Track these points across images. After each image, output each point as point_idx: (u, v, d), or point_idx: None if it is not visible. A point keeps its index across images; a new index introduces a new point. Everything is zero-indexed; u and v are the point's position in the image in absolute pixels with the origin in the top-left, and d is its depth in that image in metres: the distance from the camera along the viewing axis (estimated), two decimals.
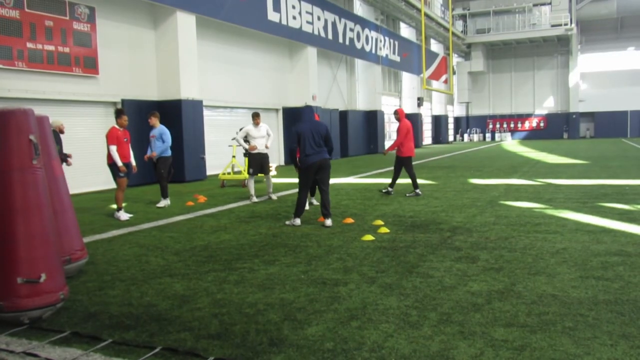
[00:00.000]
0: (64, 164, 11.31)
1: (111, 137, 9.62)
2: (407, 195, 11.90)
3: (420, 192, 11.91)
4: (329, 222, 8.49)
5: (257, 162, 11.56)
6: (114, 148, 9.61)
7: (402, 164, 11.86)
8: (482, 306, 4.54)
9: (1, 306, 4.43)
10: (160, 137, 11.03)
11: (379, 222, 8.57)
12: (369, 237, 7.42)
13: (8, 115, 4.64)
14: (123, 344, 3.99)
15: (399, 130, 11.74)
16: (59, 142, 10.92)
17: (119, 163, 9.66)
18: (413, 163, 12.30)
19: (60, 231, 5.41)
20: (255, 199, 11.61)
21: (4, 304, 4.43)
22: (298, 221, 8.63)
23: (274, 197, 11.93)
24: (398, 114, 11.84)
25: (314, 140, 8.52)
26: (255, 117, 11.62)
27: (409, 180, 12.85)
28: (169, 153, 11.16)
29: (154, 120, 11.18)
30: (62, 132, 11.32)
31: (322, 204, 8.60)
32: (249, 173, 11.64)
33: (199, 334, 4.11)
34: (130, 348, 3.91)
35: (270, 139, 11.74)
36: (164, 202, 11.24)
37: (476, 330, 4.03)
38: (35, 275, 4.52)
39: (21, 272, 4.48)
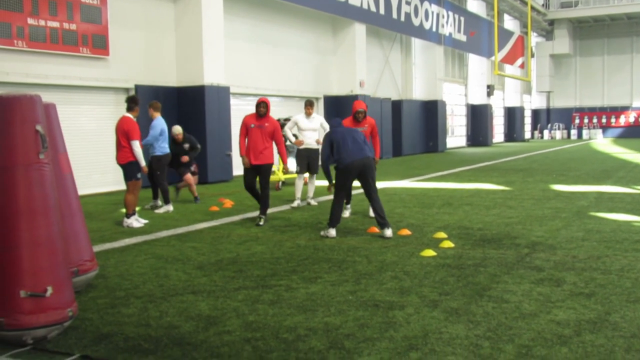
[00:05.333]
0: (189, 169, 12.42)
1: (136, 131, 9.81)
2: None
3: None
4: (389, 232, 8.54)
5: (304, 159, 11.77)
6: (138, 144, 9.82)
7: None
8: (570, 339, 4.50)
9: (1, 323, 4.60)
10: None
11: (442, 234, 8.56)
12: (429, 253, 7.42)
13: (12, 102, 4.82)
14: None
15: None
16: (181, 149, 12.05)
17: (143, 163, 9.88)
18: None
19: (67, 238, 5.58)
20: (298, 203, 11.76)
21: (5, 320, 4.60)
22: (333, 232, 8.71)
23: (313, 202, 12.03)
24: (267, 105, 10.08)
25: (353, 140, 8.72)
26: (308, 106, 11.88)
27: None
28: (159, 151, 11.33)
29: (151, 112, 11.57)
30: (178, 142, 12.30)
31: (375, 213, 8.65)
32: (296, 172, 12.00)
33: None
34: None
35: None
36: (164, 208, 11.49)
37: None
38: (41, 289, 4.67)
39: (25, 284, 4.64)
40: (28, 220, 4.72)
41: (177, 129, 12.55)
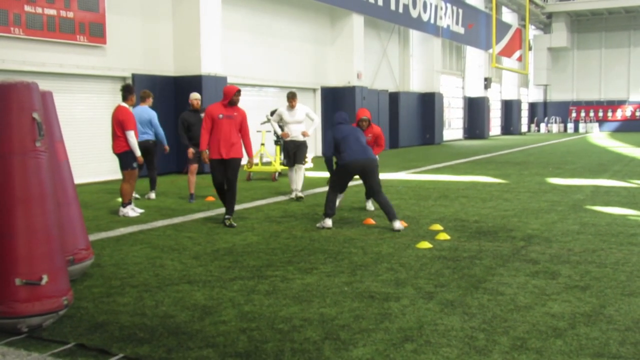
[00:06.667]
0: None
1: (131, 120, 9.72)
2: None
3: None
4: (397, 224, 8.44)
5: (290, 152, 11.63)
6: (133, 134, 9.74)
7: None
8: (565, 331, 4.51)
9: None
10: None
11: (437, 226, 8.57)
12: (425, 245, 7.42)
13: (8, 90, 4.80)
14: (136, 359, 4.10)
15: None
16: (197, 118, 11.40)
17: (138, 153, 9.83)
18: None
19: (63, 227, 5.57)
20: (296, 195, 11.68)
21: (0, 308, 4.59)
22: (329, 223, 8.70)
23: (300, 194, 11.64)
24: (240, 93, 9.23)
25: (356, 140, 8.67)
26: (290, 98, 11.54)
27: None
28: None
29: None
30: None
31: (383, 209, 8.55)
32: (283, 164, 11.76)
33: (224, 352, 4.19)
34: None
35: (314, 124, 11.85)
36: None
37: None
38: (36, 277, 4.66)
39: (20, 272, 4.63)
40: (24, 208, 4.71)
41: (195, 95, 11.81)
